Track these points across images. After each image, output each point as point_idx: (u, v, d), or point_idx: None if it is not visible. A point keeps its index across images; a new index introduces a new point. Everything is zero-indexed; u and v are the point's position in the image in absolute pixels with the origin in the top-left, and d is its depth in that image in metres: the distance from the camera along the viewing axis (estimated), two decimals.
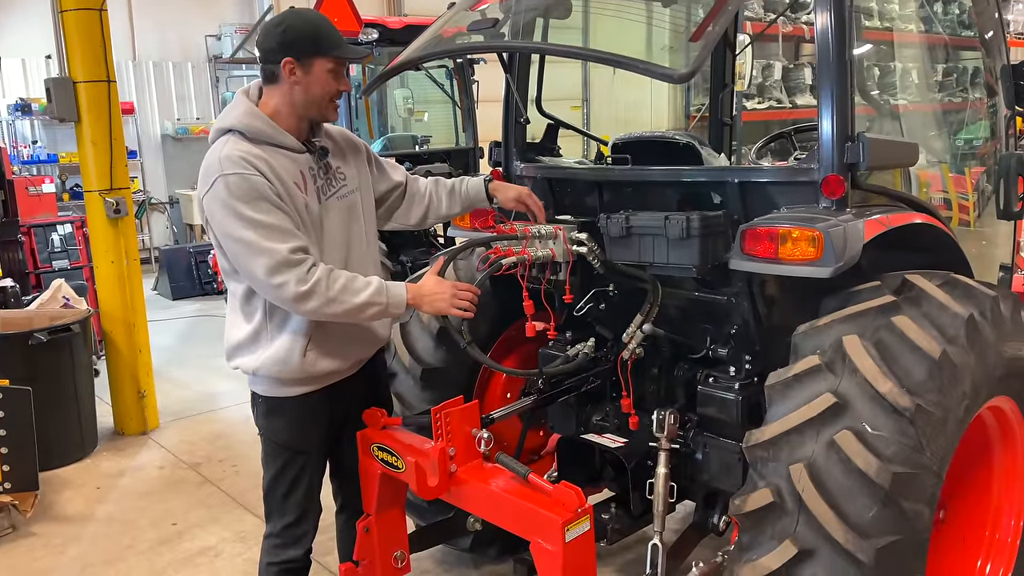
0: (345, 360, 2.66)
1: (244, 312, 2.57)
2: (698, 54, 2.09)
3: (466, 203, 2.96)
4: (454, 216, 3.01)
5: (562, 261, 2.96)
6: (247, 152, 2.39)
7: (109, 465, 5.17)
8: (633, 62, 2.14)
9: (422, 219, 2.95)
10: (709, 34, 2.08)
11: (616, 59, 2.17)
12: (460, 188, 2.96)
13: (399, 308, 2.53)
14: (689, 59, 2.08)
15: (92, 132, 5.22)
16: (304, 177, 2.50)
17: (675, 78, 2.09)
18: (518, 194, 2.94)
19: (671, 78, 2.09)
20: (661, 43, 2.59)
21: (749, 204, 2.72)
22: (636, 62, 2.13)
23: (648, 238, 2.71)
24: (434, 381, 3.35)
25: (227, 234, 2.38)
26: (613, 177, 3.09)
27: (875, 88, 12.69)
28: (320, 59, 2.41)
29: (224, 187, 2.34)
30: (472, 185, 2.96)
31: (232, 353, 2.63)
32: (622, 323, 3.00)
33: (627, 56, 2.12)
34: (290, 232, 2.39)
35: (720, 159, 3.05)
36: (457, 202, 2.95)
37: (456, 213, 2.98)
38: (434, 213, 2.95)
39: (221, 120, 2.50)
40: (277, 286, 2.36)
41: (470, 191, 2.95)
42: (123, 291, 5.41)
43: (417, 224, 2.98)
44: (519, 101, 3.38)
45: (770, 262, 2.45)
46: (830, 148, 2.49)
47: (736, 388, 2.80)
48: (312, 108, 2.48)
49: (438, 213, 2.96)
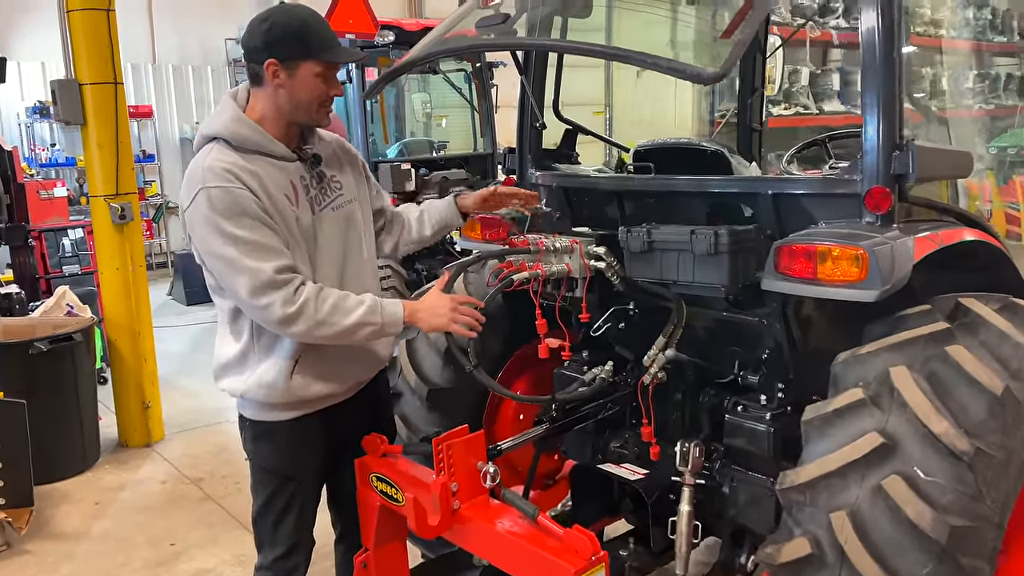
0: (341, 383, 2.46)
1: (231, 331, 2.39)
2: (730, 53, 1.87)
3: (437, 224, 2.75)
4: (426, 241, 2.79)
5: (578, 277, 2.75)
6: (232, 163, 2.20)
7: (110, 479, 5.01)
8: (660, 61, 1.92)
9: (394, 248, 2.75)
10: (741, 31, 1.86)
11: (642, 58, 1.95)
12: (429, 210, 2.76)
13: (395, 327, 2.33)
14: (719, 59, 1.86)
15: (98, 135, 5.07)
16: (295, 188, 2.31)
17: (705, 79, 1.87)
18: (485, 194, 2.74)
19: (700, 79, 1.88)
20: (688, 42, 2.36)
21: (783, 218, 2.48)
22: (663, 61, 1.92)
23: (672, 254, 2.49)
24: (441, 403, 3.14)
25: (209, 251, 2.20)
26: (634, 187, 2.87)
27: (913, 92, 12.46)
28: (307, 62, 2.22)
29: (206, 200, 2.16)
30: (440, 204, 2.76)
31: (219, 373, 2.45)
32: (643, 344, 2.77)
33: (654, 55, 1.91)
34: (276, 250, 2.20)
35: (751, 168, 2.82)
36: (427, 225, 2.75)
37: (428, 237, 2.76)
38: (405, 240, 2.76)
39: (206, 126, 2.31)
40: (262, 307, 2.18)
41: (440, 210, 2.75)
42: (128, 298, 5.26)
43: (390, 253, 2.80)
44: (535, 104, 3.17)
45: (807, 283, 2.21)
46: (875, 157, 2.25)
47: (767, 419, 2.57)
48: (299, 113, 2.29)
49: (408, 239, 2.76)
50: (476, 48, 2.48)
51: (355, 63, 6.50)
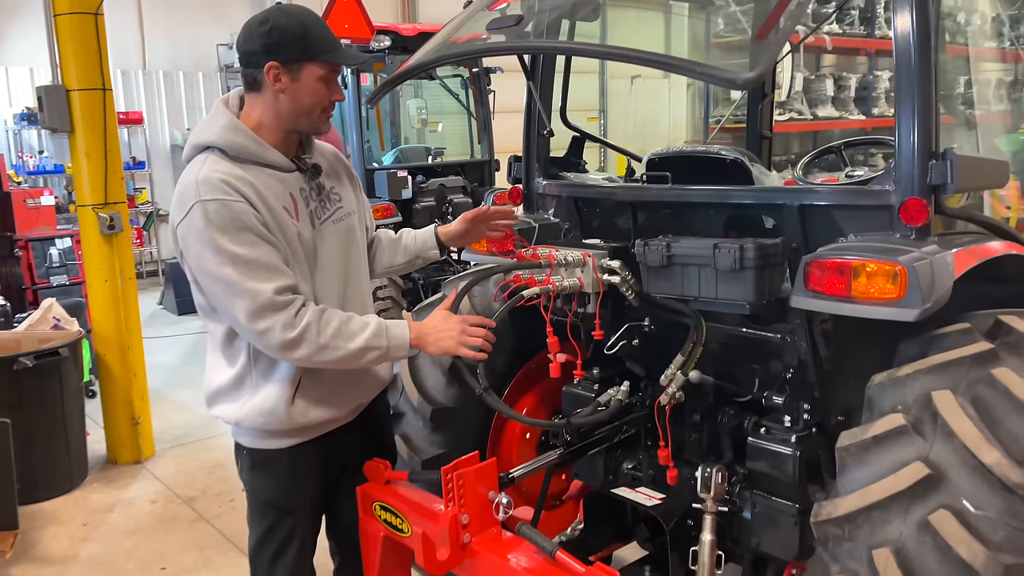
0: (341, 407, 2.32)
1: (225, 355, 2.24)
2: (764, 55, 1.74)
3: (411, 253, 2.61)
4: (395, 270, 2.66)
5: (591, 292, 2.61)
6: (229, 173, 2.06)
7: (99, 498, 4.83)
8: (689, 65, 1.79)
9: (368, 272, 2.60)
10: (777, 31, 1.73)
11: (670, 62, 1.82)
12: (405, 237, 2.63)
13: (401, 351, 2.20)
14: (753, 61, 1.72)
15: (86, 143, 4.91)
16: (295, 200, 2.17)
17: (738, 83, 1.74)
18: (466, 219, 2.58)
19: (733, 83, 1.75)
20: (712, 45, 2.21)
21: (810, 230, 2.35)
22: (693, 65, 1.79)
23: (693, 269, 2.36)
24: (446, 422, 3.00)
25: (204, 270, 2.05)
26: (650, 197, 2.73)
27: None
28: (310, 64, 2.09)
29: (202, 215, 2.01)
30: (419, 233, 2.63)
31: (212, 400, 2.30)
32: (658, 362, 2.64)
33: (684, 59, 1.78)
34: (277, 268, 2.05)
35: (772, 177, 2.69)
36: (400, 252, 2.62)
37: (398, 265, 2.63)
38: (377, 264, 2.63)
39: (198, 135, 2.16)
40: (261, 332, 2.04)
41: (417, 239, 2.62)
42: (117, 311, 5.09)
43: None
44: (543, 111, 3.03)
45: (841, 300, 2.08)
46: (911, 167, 2.13)
47: (792, 441, 2.43)
48: (301, 120, 2.15)
49: (379, 263, 2.63)
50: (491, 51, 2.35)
51: (350, 68, 6.38)
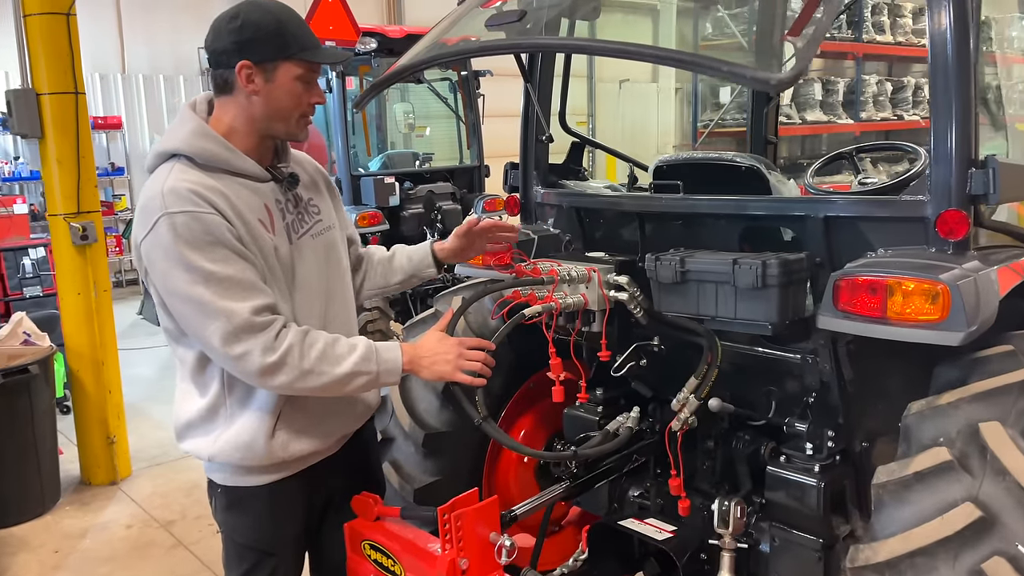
0: (325, 438, 2.13)
1: (197, 383, 2.04)
2: (800, 52, 1.56)
3: (407, 272, 2.42)
4: (390, 289, 2.47)
5: (596, 310, 2.43)
6: (198, 183, 1.87)
7: (71, 523, 4.59)
8: (715, 64, 1.61)
9: (357, 291, 2.39)
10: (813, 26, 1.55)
11: (696, 61, 1.65)
12: (400, 254, 2.43)
13: (392, 376, 2.02)
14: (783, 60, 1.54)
15: (57, 149, 4.69)
16: (270, 212, 1.99)
17: (772, 84, 1.56)
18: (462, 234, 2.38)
19: (767, 84, 1.57)
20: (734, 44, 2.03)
21: (835, 243, 2.18)
22: (719, 64, 1.60)
23: (710, 286, 2.17)
24: (440, 448, 2.81)
25: (173, 290, 1.85)
26: (659, 207, 2.54)
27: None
28: (286, 63, 1.91)
29: (169, 229, 1.82)
30: (414, 251, 2.43)
31: (183, 433, 2.09)
32: (669, 384, 2.46)
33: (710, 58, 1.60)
34: (253, 286, 1.86)
35: (789, 185, 2.51)
36: (396, 271, 2.43)
37: (393, 284, 2.44)
38: (369, 284, 2.44)
39: (163, 142, 1.97)
40: (237, 357, 1.84)
41: (412, 257, 2.42)
42: (91, 325, 4.86)
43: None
44: (541, 115, 2.84)
45: (874, 322, 1.90)
46: (948, 175, 1.95)
47: (816, 471, 2.25)
48: (276, 124, 1.97)
49: (373, 283, 2.44)
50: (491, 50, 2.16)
51: (334, 70, 6.17)
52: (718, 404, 2.29)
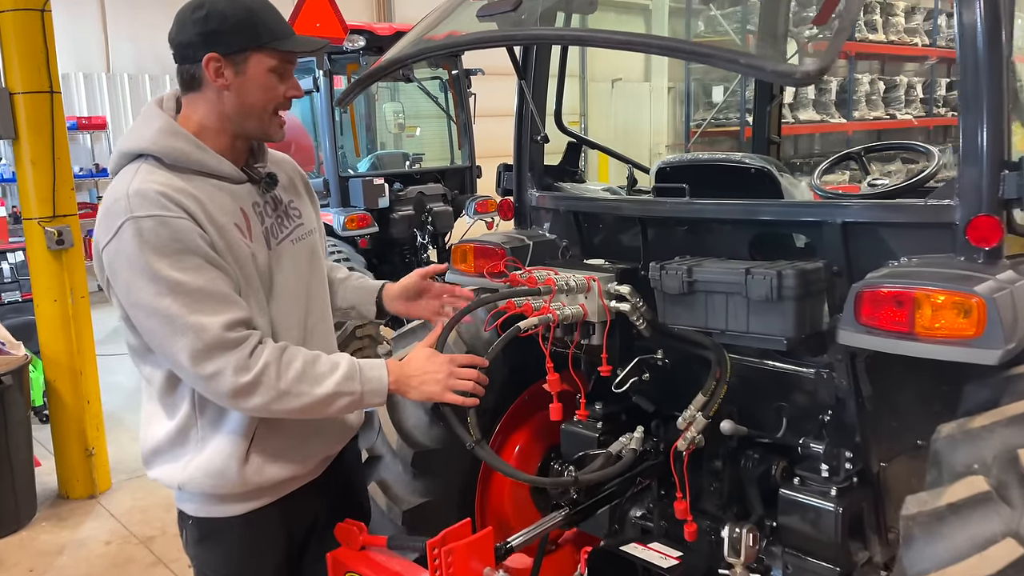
0: (305, 462, 1.97)
1: (164, 404, 1.88)
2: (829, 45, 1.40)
3: (347, 302, 2.21)
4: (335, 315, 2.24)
5: (596, 321, 2.27)
6: (167, 185, 1.71)
7: (47, 539, 4.41)
8: (733, 56, 1.46)
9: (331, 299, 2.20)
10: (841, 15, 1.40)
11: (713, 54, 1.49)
12: (351, 282, 2.23)
13: (378, 397, 1.87)
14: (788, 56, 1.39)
15: (32, 151, 4.50)
16: (247, 216, 1.83)
17: (796, 79, 1.41)
18: (409, 292, 2.16)
19: (791, 78, 1.41)
20: None
21: (853, 251, 2.03)
22: (737, 56, 1.45)
23: (720, 297, 2.02)
24: (430, 467, 2.65)
25: (137, 303, 1.69)
26: (663, 212, 2.38)
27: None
28: (257, 54, 1.76)
29: (135, 235, 1.66)
30: (365, 285, 2.22)
31: (150, 459, 1.93)
32: (673, 400, 2.31)
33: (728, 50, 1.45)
34: (226, 298, 1.71)
35: (801, 188, 2.36)
36: (340, 296, 2.22)
37: (336, 310, 2.21)
38: None
39: (128, 141, 1.81)
40: (208, 376, 1.69)
41: (361, 289, 2.21)
42: (68, 333, 4.68)
43: None
44: (536, 114, 2.69)
45: (901, 338, 1.75)
46: (978, 178, 1.81)
47: (833, 494, 2.10)
48: (249, 121, 1.81)
49: None
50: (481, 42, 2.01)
51: (321, 68, 6.00)
52: (731, 427, 2.14)
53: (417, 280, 2.15)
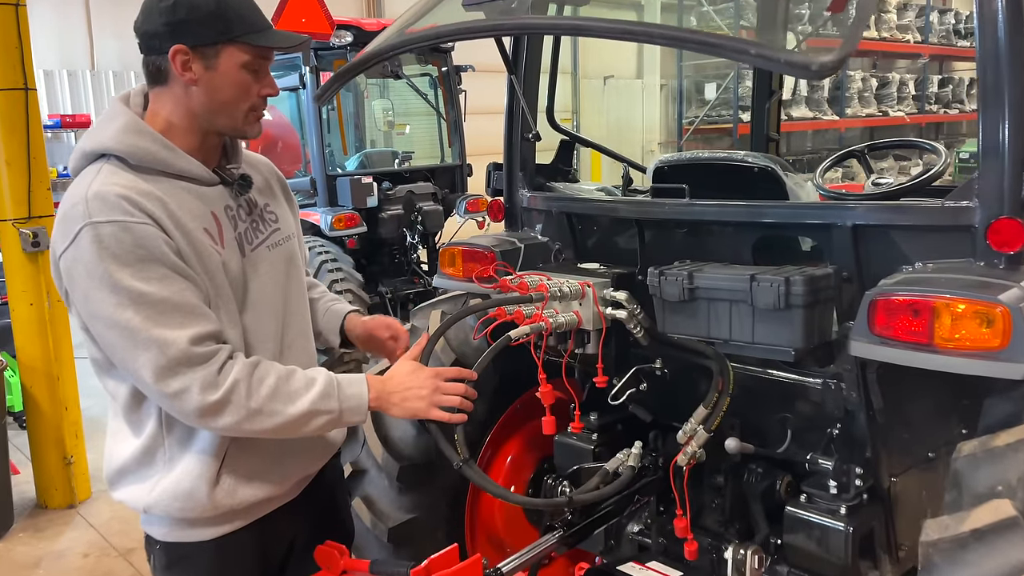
0: (281, 482, 1.85)
1: (131, 421, 1.76)
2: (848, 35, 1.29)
3: (318, 324, 2.07)
4: None
5: (591, 329, 2.15)
6: (130, 187, 1.59)
7: (24, 551, 4.27)
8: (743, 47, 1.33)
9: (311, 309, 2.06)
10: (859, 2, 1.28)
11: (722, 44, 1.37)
12: (322, 303, 2.09)
13: (357, 415, 1.75)
14: None
15: (6, 150, 4.33)
16: (218, 221, 1.71)
17: (812, 70, 1.29)
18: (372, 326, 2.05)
19: (807, 70, 1.30)
20: None
21: (864, 256, 1.91)
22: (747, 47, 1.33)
23: (723, 305, 1.90)
24: (417, 481, 2.54)
25: (97, 314, 1.58)
26: (661, 213, 2.26)
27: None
28: (229, 47, 1.63)
29: (94, 242, 1.54)
30: (332, 310, 2.09)
31: (114, 479, 1.81)
32: (671, 411, 2.19)
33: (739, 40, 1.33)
34: (194, 311, 1.59)
35: (807, 189, 2.24)
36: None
37: None
38: None
39: (89, 139, 1.68)
40: (173, 394, 1.57)
41: (327, 313, 2.08)
42: (44, 338, 4.53)
43: None
44: (527, 110, 2.56)
45: (918, 350, 1.64)
46: (1000, 179, 1.69)
47: (842, 513, 1.99)
48: (220, 119, 1.69)
49: None
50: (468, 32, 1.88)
51: (307, 65, 5.86)
52: (736, 445, 2.02)
53: (375, 335, 2.03)
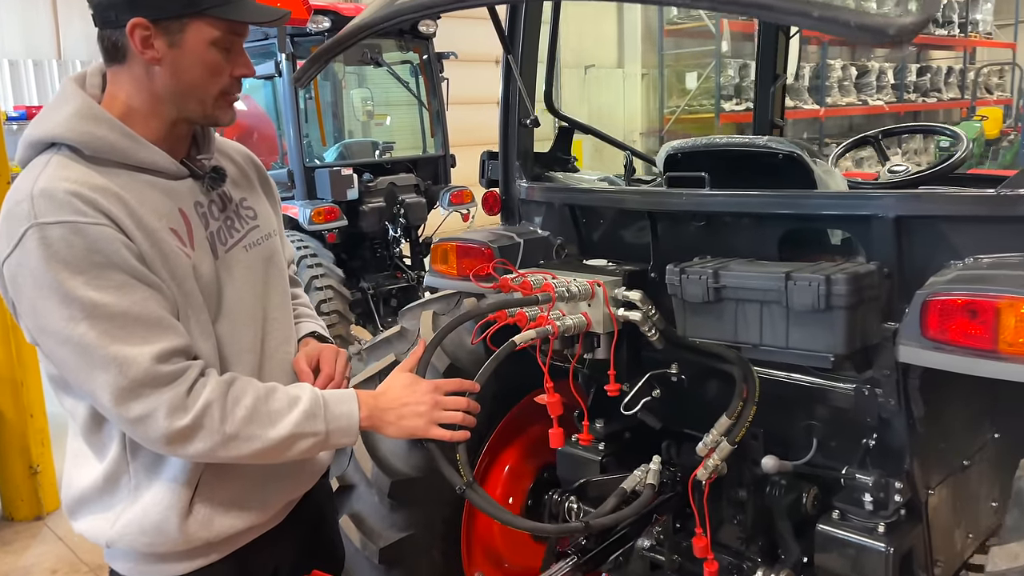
0: (263, 510, 1.65)
1: (92, 444, 1.56)
2: None
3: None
4: None
5: (602, 332, 1.97)
6: (82, 182, 1.38)
7: None
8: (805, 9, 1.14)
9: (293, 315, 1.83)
10: None
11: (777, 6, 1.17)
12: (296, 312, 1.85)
13: (347, 437, 1.56)
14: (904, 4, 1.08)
15: None
16: (187, 219, 1.50)
17: (890, 34, 1.11)
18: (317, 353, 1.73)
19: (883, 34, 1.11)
20: None
21: (907, 250, 1.73)
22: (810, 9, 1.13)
23: (752, 306, 1.71)
24: (410, 497, 2.34)
25: (47, 328, 1.37)
26: (677, 205, 2.06)
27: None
28: (196, 21, 1.42)
29: (40, 246, 1.33)
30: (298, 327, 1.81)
31: (74, 508, 1.61)
32: (689, 420, 2.01)
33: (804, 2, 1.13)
34: (159, 323, 1.39)
35: (837, 177, 2.06)
36: None
37: None
38: None
39: (37, 126, 1.47)
40: (136, 420, 1.38)
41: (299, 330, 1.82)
42: (7, 343, 4.27)
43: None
44: (525, 93, 2.36)
45: (980, 356, 1.46)
46: None
47: (881, 531, 1.81)
48: (188, 104, 1.48)
49: None
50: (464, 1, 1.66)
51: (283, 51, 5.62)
52: (774, 463, 1.84)
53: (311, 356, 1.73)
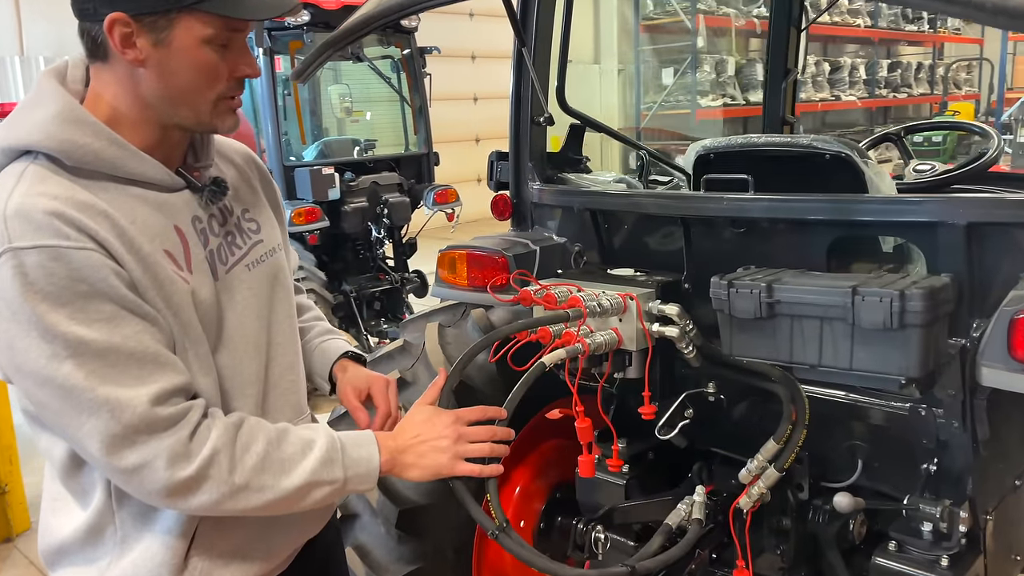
0: (267, 559, 1.48)
1: (71, 488, 1.39)
2: None
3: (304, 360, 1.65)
4: None
5: (635, 350, 1.80)
6: (64, 198, 1.19)
7: None
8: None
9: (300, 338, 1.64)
10: None
11: None
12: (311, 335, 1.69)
13: (366, 483, 1.38)
14: None
15: None
16: (184, 238, 1.30)
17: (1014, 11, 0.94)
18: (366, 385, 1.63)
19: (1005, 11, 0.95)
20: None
21: (979, 261, 1.58)
22: None
23: (811, 323, 1.55)
24: (418, 527, 2.16)
25: (22, 368, 1.18)
26: (716, 210, 1.88)
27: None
28: (186, 17, 1.22)
29: (16, 274, 1.14)
30: (327, 350, 1.67)
31: (53, 560, 1.43)
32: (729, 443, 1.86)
33: None
34: (155, 359, 1.21)
35: (888, 181, 1.90)
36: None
37: None
38: None
39: (10, 130, 1.26)
40: (131, 470, 1.20)
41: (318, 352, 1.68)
42: None
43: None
44: (539, 88, 2.19)
45: None
46: None
47: (945, 565, 1.67)
48: (181, 110, 1.28)
49: None
50: None
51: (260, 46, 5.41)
52: (849, 502, 1.68)
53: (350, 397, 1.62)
